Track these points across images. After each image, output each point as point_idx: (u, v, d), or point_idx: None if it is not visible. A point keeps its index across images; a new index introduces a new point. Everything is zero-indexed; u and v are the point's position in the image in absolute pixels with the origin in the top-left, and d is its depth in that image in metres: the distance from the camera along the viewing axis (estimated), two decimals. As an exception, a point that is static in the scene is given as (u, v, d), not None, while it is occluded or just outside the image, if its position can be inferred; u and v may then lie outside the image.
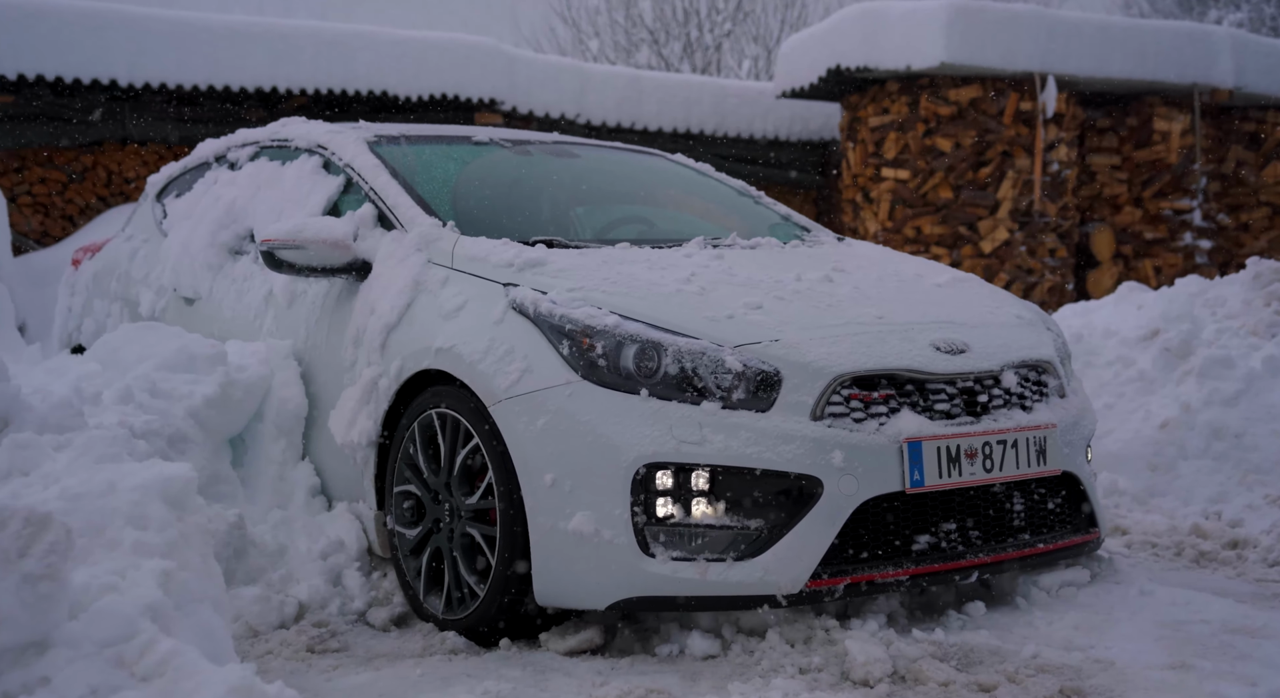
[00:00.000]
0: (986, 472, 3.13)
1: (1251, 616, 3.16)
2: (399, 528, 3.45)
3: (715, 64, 24.43)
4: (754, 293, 3.27)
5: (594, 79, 13.18)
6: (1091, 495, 3.47)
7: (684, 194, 4.75)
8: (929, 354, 3.16)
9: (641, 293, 3.22)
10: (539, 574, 3.06)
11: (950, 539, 3.14)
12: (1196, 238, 12.45)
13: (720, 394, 3.00)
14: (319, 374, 3.91)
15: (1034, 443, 3.24)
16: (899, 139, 11.71)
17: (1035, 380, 3.40)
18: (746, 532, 2.95)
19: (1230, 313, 5.39)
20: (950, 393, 3.17)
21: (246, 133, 4.86)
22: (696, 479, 2.97)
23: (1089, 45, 11.55)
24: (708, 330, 3.08)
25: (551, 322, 3.15)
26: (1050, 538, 3.33)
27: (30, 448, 2.61)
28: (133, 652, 2.06)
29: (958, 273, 3.84)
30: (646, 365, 3.03)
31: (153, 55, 10.84)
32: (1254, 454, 4.54)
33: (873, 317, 3.24)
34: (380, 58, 11.70)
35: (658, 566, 2.94)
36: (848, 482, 2.96)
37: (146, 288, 4.85)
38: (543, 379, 3.09)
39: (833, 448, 2.96)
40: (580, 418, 3.02)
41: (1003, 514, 3.25)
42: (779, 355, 3.04)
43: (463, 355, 3.24)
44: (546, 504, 3.03)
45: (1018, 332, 3.47)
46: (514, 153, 4.51)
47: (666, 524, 2.97)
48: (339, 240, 3.72)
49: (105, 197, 11.39)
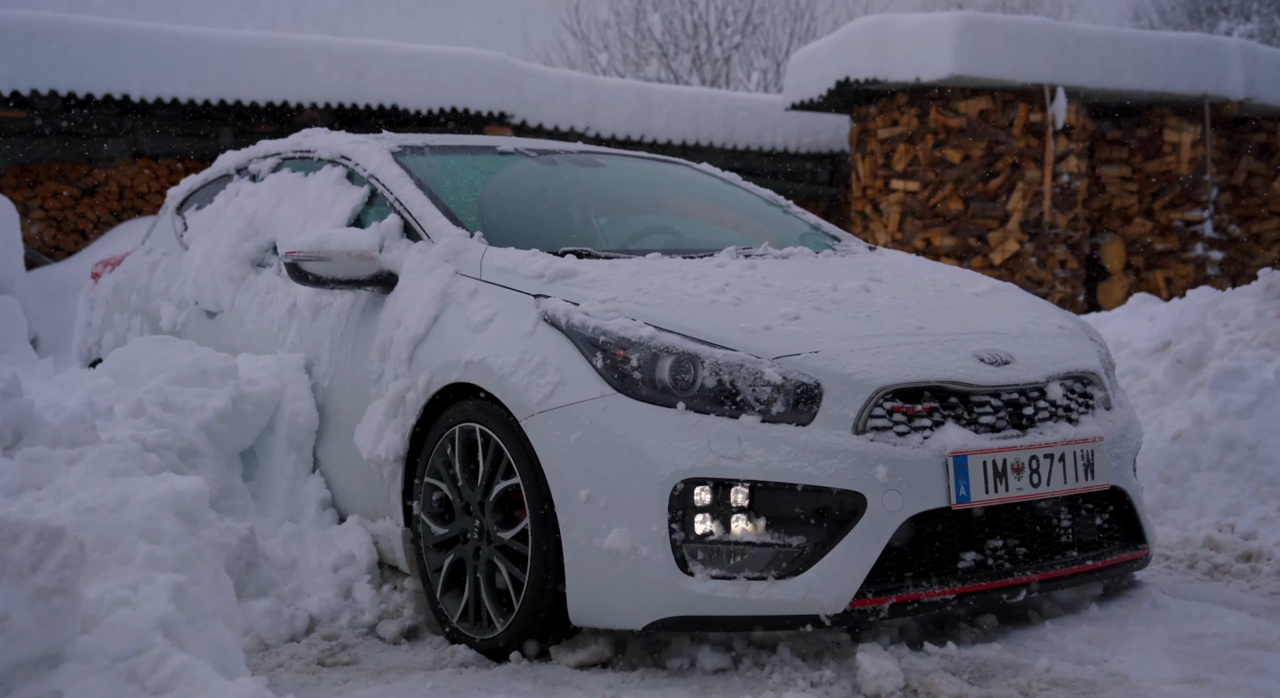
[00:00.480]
0: (1034, 487, 3.03)
1: (1266, 629, 3.14)
2: (425, 517, 3.37)
3: (724, 76, 24.47)
4: (790, 303, 3.18)
5: (603, 92, 13.22)
6: (1140, 510, 3.37)
7: (711, 203, 4.67)
8: (973, 365, 3.08)
9: (676, 304, 3.14)
10: (573, 593, 2.99)
11: (997, 557, 3.04)
12: (1207, 249, 12.42)
13: (759, 407, 2.92)
14: (344, 388, 3.84)
15: (1081, 457, 3.14)
16: (908, 151, 11.71)
17: (1081, 392, 3.31)
18: (788, 549, 2.87)
19: (1242, 324, 5.37)
20: (995, 406, 3.08)
21: (268, 144, 4.82)
22: (736, 495, 2.88)
23: (1099, 57, 11.55)
24: (745, 342, 3.00)
25: (585, 334, 3.07)
26: (1099, 555, 3.23)
27: (43, 462, 2.62)
28: (145, 666, 2.07)
29: (995, 282, 3.75)
30: (683, 378, 2.96)
31: (165, 70, 10.91)
32: (1268, 466, 4.52)
33: (913, 327, 3.15)
34: (391, 72, 11.75)
35: (697, 584, 2.86)
36: (892, 498, 2.86)
37: (167, 301, 4.82)
38: (576, 393, 3.01)
39: (876, 463, 2.87)
40: (615, 432, 2.94)
41: (1050, 530, 3.16)
42: (819, 367, 2.96)
43: (493, 368, 3.17)
44: (581, 521, 2.95)
45: (1061, 342, 3.38)
46: (539, 162, 4.45)
47: (705, 542, 2.88)
48: (364, 252, 3.66)
49: (117, 211, 11.44)
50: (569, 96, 12.90)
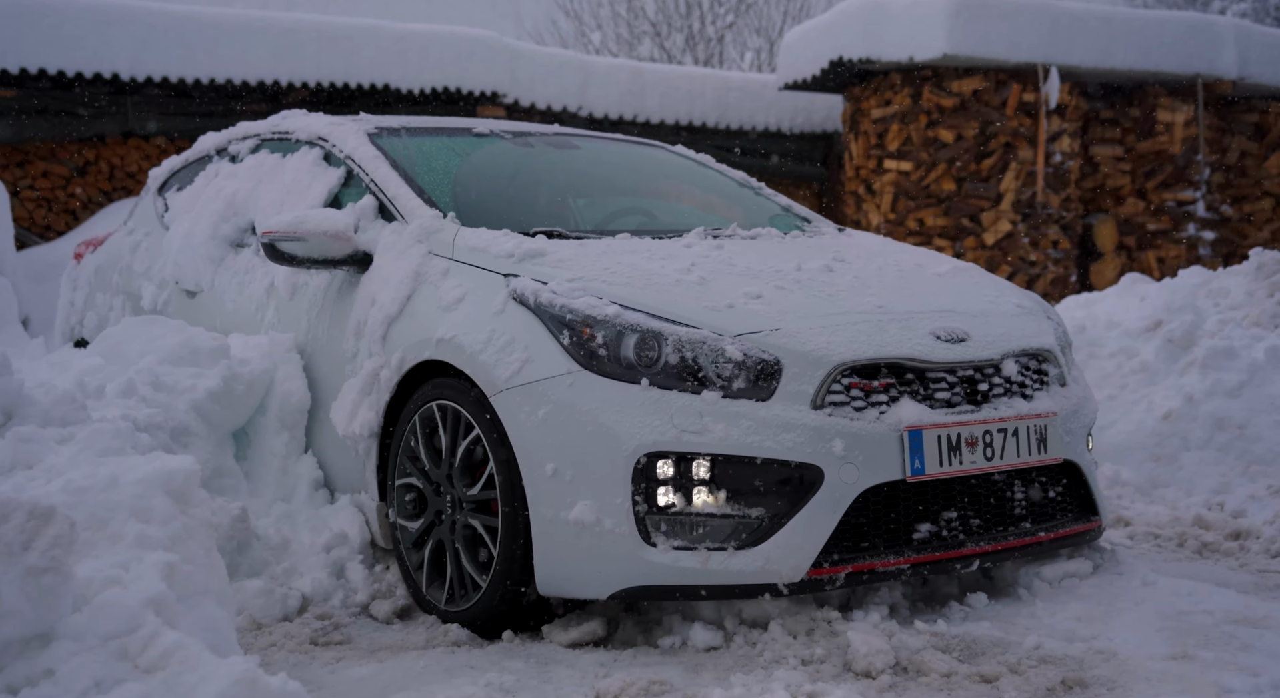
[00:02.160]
0: (987, 460, 3.14)
1: (1254, 606, 3.16)
2: (401, 520, 3.46)
3: (718, 56, 24.40)
4: (754, 282, 3.26)
5: (596, 72, 13.17)
6: (1092, 484, 3.47)
7: (685, 185, 4.74)
8: (929, 343, 3.16)
9: (642, 283, 3.22)
10: (541, 564, 3.07)
11: (951, 528, 3.14)
12: (1200, 229, 12.43)
13: (721, 383, 3.00)
14: (321, 366, 3.92)
15: (1034, 431, 3.24)
16: (901, 131, 11.69)
17: (1036, 369, 3.40)
18: (747, 521, 2.96)
19: (1233, 304, 5.38)
20: (951, 382, 3.17)
21: (247, 126, 4.86)
22: (697, 468, 2.97)
23: (1092, 36, 11.53)
24: (708, 320, 3.08)
25: (552, 312, 3.15)
26: (1051, 527, 3.33)
27: (33, 442, 2.62)
28: (136, 644, 2.07)
29: (958, 262, 3.84)
30: (647, 355, 3.04)
31: (155, 49, 10.85)
32: (1257, 445, 4.54)
33: (873, 306, 3.24)
34: (383, 51, 11.70)
35: (659, 554, 2.94)
36: (848, 470, 2.96)
37: (148, 281, 4.86)
38: (544, 369, 3.09)
39: (833, 437, 2.96)
40: (581, 408, 3.02)
41: (1004, 503, 3.26)
42: (779, 344, 3.04)
43: (464, 346, 3.25)
44: (548, 494, 3.03)
45: (1018, 320, 3.47)
46: (514, 144, 4.50)
47: (668, 513, 2.97)
48: (340, 232, 3.72)
49: (108, 191, 11.39)
50: (561, 76, 12.86)
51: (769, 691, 2.59)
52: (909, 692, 2.64)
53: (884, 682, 2.69)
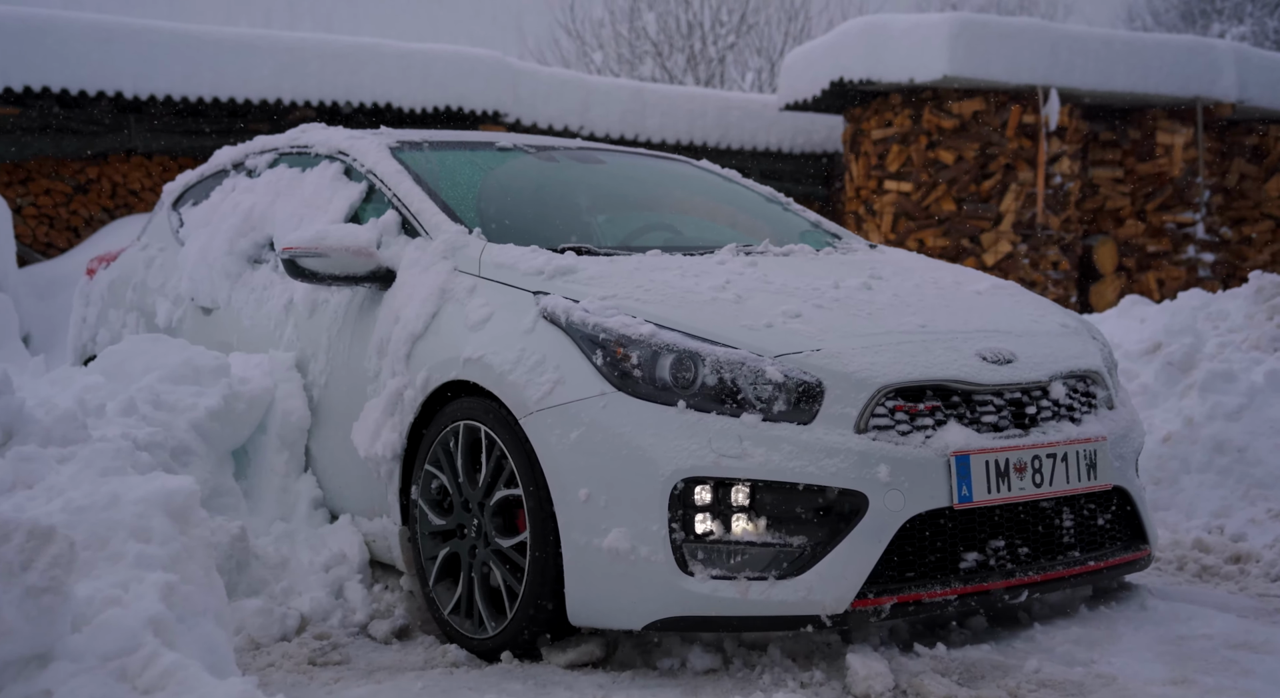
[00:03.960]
0: (1036, 487, 3.01)
1: (1254, 631, 3.15)
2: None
3: (719, 76, 24.49)
4: (792, 301, 3.15)
5: (598, 91, 13.22)
6: (1142, 511, 3.35)
7: (711, 200, 4.63)
8: (975, 364, 3.05)
9: (676, 301, 3.11)
10: (572, 593, 2.97)
11: (999, 557, 3.02)
12: (1199, 251, 12.45)
13: (760, 406, 2.89)
14: (340, 385, 3.81)
15: (1084, 456, 3.12)
16: (902, 151, 11.73)
17: (1084, 392, 3.29)
18: (789, 549, 2.84)
19: (1233, 327, 5.39)
20: (998, 405, 3.05)
21: (265, 140, 4.78)
22: (736, 494, 2.86)
23: (1092, 59, 11.58)
24: (746, 340, 2.97)
25: (584, 331, 3.05)
26: (1101, 556, 3.21)
27: (34, 461, 2.62)
28: (135, 665, 2.07)
29: (996, 280, 3.72)
30: (683, 376, 2.93)
31: (159, 67, 10.89)
32: (1257, 469, 4.53)
33: (915, 325, 3.13)
34: (385, 70, 11.74)
35: (697, 584, 2.83)
36: (894, 497, 2.84)
37: (163, 297, 4.78)
38: (576, 390, 2.99)
39: (878, 462, 2.84)
40: (615, 431, 2.92)
41: (1052, 531, 3.13)
42: (821, 365, 2.93)
43: (492, 366, 3.15)
44: (580, 520, 2.93)
45: (1064, 341, 3.35)
46: (538, 159, 4.41)
47: (705, 541, 2.86)
48: (362, 248, 3.63)
49: (110, 208, 11.42)
50: (563, 95, 12.90)
51: (768, 714, 2.58)
52: (908, 716, 2.64)
53: (883, 706, 2.68)
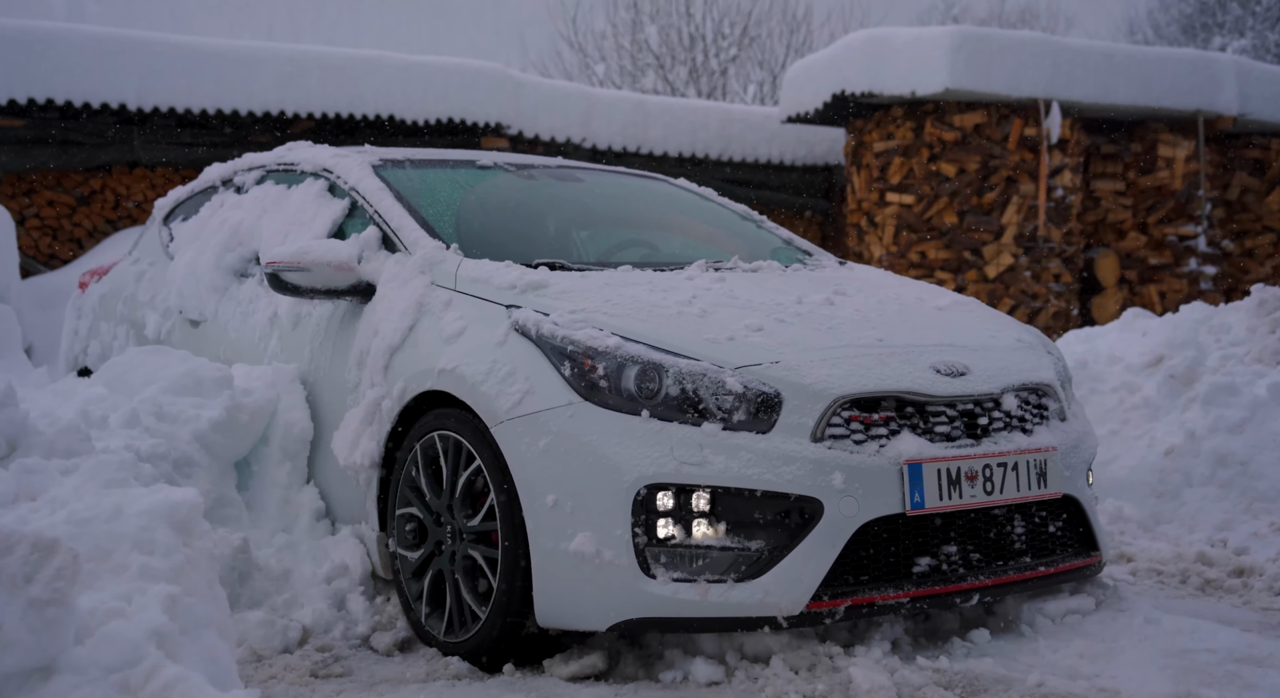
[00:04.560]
0: (987, 494, 3.14)
1: (1257, 644, 3.15)
2: (401, 550, 3.46)
3: (721, 89, 24.53)
4: (755, 315, 3.28)
5: (600, 103, 13.24)
6: (1092, 519, 3.47)
7: (687, 218, 4.77)
8: (929, 376, 3.17)
9: (643, 315, 3.23)
10: (540, 595, 3.07)
11: (951, 562, 3.13)
12: (1201, 264, 12.46)
13: (721, 415, 3.01)
14: (323, 396, 3.93)
15: (1034, 466, 3.24)
16: (904, 164, 11.74)
17: (1035, 403, 3.40)
18: (747, 553, 2.96)
19: (1235, 340, 5.39)
20: (950, 415, 3.17)
21: (253, 157, 4.90)
22: (697, 500, 2.97)
23: (1093, 72, 11.60)
24: (708, 352, 3.09)
25: (553, 343, 3.17)
26: (1051, 561, 3.32)
27: (38, 473, 2.62)
28: (138, 677, 2.07)
29: (959, 297, 3.86)
30: (648, 387, 3.05)
31: (162, 79, 10.92)
32: (1259, 482, 4.53)
33: (873, 339, 3.25)
34: (387, 82, 11.77)
35: (658, 586, 2.94)
36: (848, 503, 2.95)
37: (152, 310, 4.88)
38: (545, 400, 3.10)
39: (833, 470, 2.96)
40: (582, 439, 3.03)
41: (1003, 537, 3.25)
42: (779, 377, 3.05)
43: (465, 377, 3.26)
44: (548, 525, 3.03)
45: (1018, 355, 3.48)
46: (518, 177, 4.54)
47: (667, 545, 2.97)
48: (343, 262, 3.75)
49: (113, 220, 11.44)
50: (565, 107, 12.93)
51: (771, 727, 2.58)
52: (911, 729, 2.63)
53: (886, 719, 2.68)
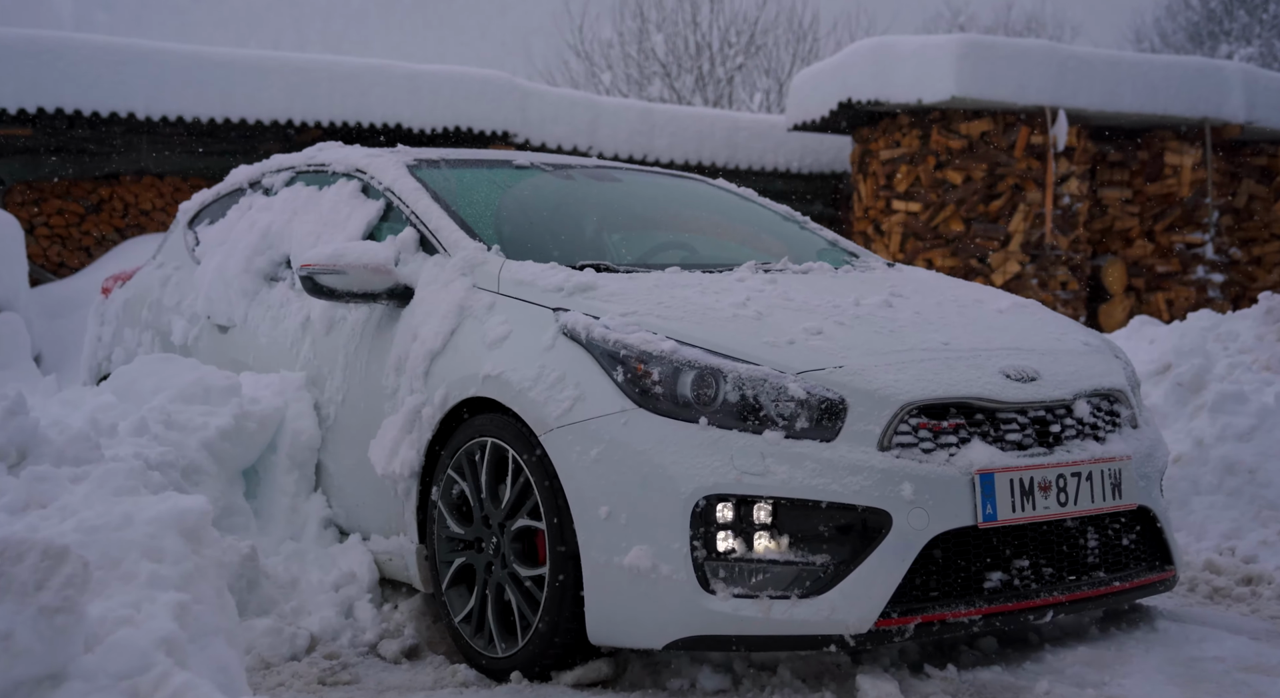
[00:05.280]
0: (1060, 505, 2.99)
1: (1266, 653, 3.14)
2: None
3: (727, 97, 24.57)
4: (813, 318, 3.14)
5: (606, 112, 13.27)
6: (1167, 531, 3.33)
7: (728, 219, 4.64)
8: (999, 382, 3.03)
9: (697, 318, 3.10)
10: (592, 611, 2.95)
11: (1024, 577, 3.00)
12: (1209, 272, 12.44)
13: (783, 423, 2.88)
14: (357, 402, 3.80)
15: (1109, 475, 3.10)
16: (910, 172, 11.75)
17: (1108, 410, 3.26)
18: (811, 568, 2.82)
19: (1243, 348, 5.38)
20: (1022, 423, 3.03)
21: (281, 158, 4.78)
22: (759, 512, 2.84)
23: (1100, 80, 11.60)
24: (768, 356, 2.96)
25: (605, 347, 3.03)
26: (1126, 576, 3.19)
27: (48, 481, 2.63)
28: (147, 685, 2.07)
29: (1018, 299, 3.71)
30: (705, 393, 2.91)
31: (170, 89, 10.97)
32: (1268, 490, 4.52)
33: (938, 343, 3.12)
34: (394, 91, 11.81)
35: (719, 603, 2.80)
36: (918, 515, 2.81)
37: (179, 316, 4.77)
38: (596, 407, 2.98)
39: (902, 480, 2.82)
40: (636, 448, 2.90)
41: (1076, 550, 3.11)
42: (843, 382, 2.91)
43: (511, 383, 3.14)
44: (601, 538, 2.91)
45: (1087, 359, 3.34)
46: (555, 177, 4.42)
47: (728, 559, 2.83)
48: (380, 265, 3.62)
49: (122, 228, 11.48)
50: (571, 116, 12.95)
51: (778, 735, 2.58)
52: (919, 738, 2.63)
53: (894, 727, 2.68)
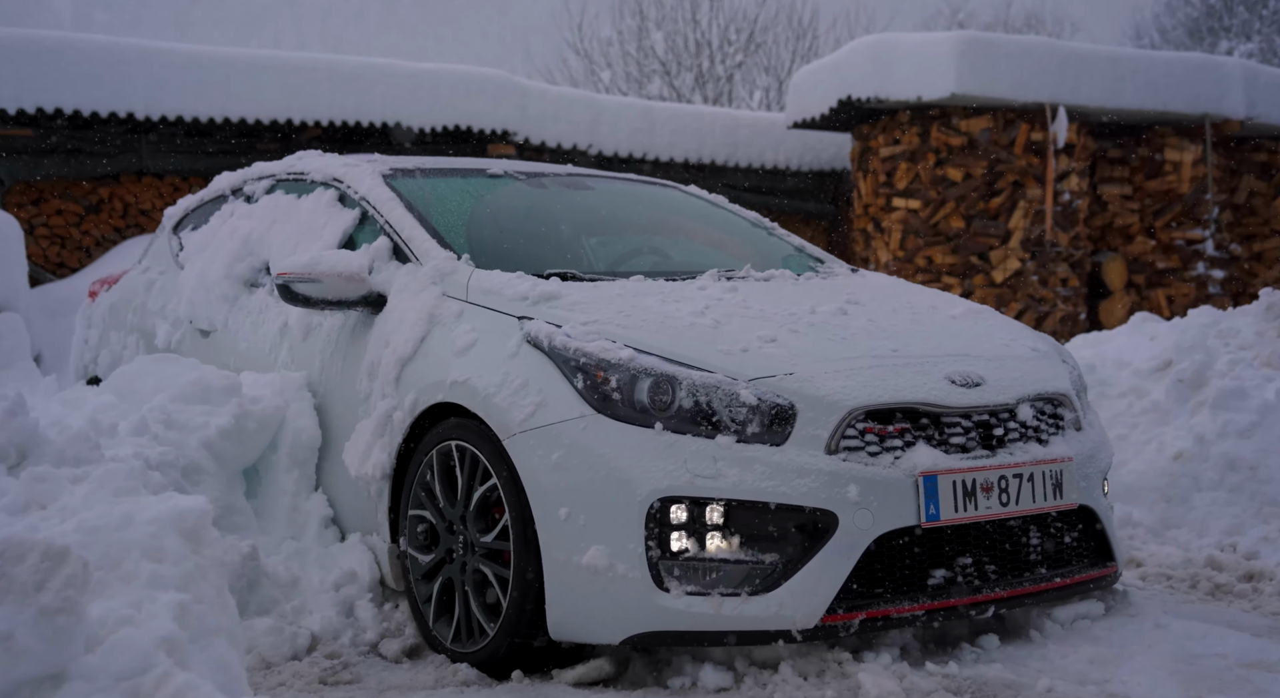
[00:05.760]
0: (1003, 506, 3.12)
1: (1268, 650, 3.14)
2: (413, 560, 3.45)
3: (727, 95, 24.55)
4: (768, 326, 3.27)
5: (606, 110, 13.26)
6: (1108, 529, 3.45)
7: (698, 226, 4.75)
8: (944, 387, 3.15)
9: (656, 326, 3.22)
10: (553, 608, 3.06)
11: (966, 574, 3.12)
12: (1209, 268, 12.43)
13: (735, 428, 3.00)
14: (334, 406, 3.92)
15: (1050, 477, 3.22)
16: (910, 169, 11.74)
17: (1051, 414, 3.38)
18: (761, 566, 2.95)
19: (1243, 344, 5.38)
20: (966, 426, 3.15)
21: (263, 166, 4.90)
22: (711, 513, 2.96)
23: (1100, 77, 11.59)
24: (722, 364, 3.08)
25: (566, 355, 3.15)
26: (1067, 572, 3.31)
27: (48, 481, 2.63)
28: (148, 686, 2.07)
29: (972, 305, 3.83)
30: (661, 399, 3.03)
31: (170, 88, 10.95)
32: (1269, 486, 4.52)
33: (887, 349, 3.24)
34: (394, 90, 11.80)
35: (672, 600, 2.93)
36: (863, 516, 2.94)
37: (162, 320, 4.87)
38: (557, 413, 3.09)
39: (848, 482, 2.94)
40: (595, 451, 3.02)
41: (1019, 549, 3.23)
42: (793, 389, 3.04)
43: (477, 389, 3.25)
44: (561, 538, 3.02)
45: (1033, 364, 3.46)
46: (528, 185, 4.52)
47: (681, 559, 2.96)
48: (354, 274, 3.74)
49: (121, 228, 11.47)
50: (571, 114, 12.94)
51: (780, 734, 2.58)
52: (921, 735, 2.63)
53: (895, 725, 2.67)
